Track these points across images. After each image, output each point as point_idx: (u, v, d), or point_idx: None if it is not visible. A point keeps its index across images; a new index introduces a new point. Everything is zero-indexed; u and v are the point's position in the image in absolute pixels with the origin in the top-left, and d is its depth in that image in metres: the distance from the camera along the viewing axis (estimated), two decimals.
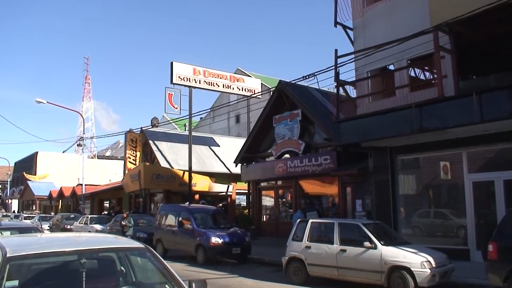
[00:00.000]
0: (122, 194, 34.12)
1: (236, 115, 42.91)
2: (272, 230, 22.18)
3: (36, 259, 4.41)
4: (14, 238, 6.34)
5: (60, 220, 32.42)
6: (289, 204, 22.51)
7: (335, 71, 15.65)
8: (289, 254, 12.19)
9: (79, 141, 36.75)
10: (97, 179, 49.70)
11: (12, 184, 68.55)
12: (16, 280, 4.15)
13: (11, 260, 4.08)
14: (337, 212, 18.96)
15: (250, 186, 24.44)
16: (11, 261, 4.08)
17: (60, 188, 47.35)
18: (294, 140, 20.74)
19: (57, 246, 4.68)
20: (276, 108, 22.07)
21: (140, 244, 4.98)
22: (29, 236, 6.57)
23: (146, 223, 21.96)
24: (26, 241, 5.29)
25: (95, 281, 4.51)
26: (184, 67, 26.96)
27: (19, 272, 4.27)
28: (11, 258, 4.10)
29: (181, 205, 19.95)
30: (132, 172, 29.07)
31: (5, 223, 10.23)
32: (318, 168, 19.20)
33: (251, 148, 23.89)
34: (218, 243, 15.76)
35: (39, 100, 32.81)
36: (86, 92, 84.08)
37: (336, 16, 16.92)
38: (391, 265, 10.10)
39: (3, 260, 4.05)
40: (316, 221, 12.58)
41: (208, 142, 33.36)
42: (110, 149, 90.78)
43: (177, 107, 27.47)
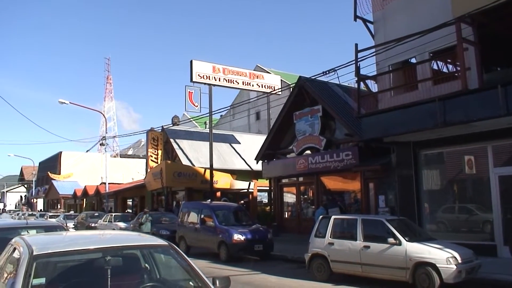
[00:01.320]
0: (145, 192, 34.42)
1: (256, 112, 42.82)
2: (294, 226, 22.13)
3: (62, 257, 4.47)
4: (40, 236, 6.42)
5: (84, 218, 32.88)
6: (310, 201, 22.41)
7: (355, 65, 15.49)
8: (311, 250, 12.12)
9: (102, 141, 37.11)
10: (120, 178, 50.24)
11: (37, 184, 69.71)
12: (42, 278, 4.20)
13: (37, 258, 4.13)
14: (360, 208, 18.80)
15: (272, 183, 24.40)
16: (37, 259, 4.13)
17: (84, 187, 48.00)
18: (315, 136, 20.62)
19: (82, 244, 4.72)
20: (296, 104, 21.97)
21: (164, 241, 4.99)
22: (54, 235, 6.63)
23: (169, 220, 22.12)
24: (52, 239, 5.34)
25: (119, 278, 4.53)
26: (203, 65, 27.05)
27: (46, 270, 4.31)
28: (38, 256, 4.15)
29: (203, 203, 20.03)
30: (154, 170, 29.31)
31: (31, 222, 10.36)
32: (340, 164, 19.06)
33: (272, 144, 23.84)
34: (240, 240, 15.77)
35: (62, 101, 33.26)
36: (107, 92, 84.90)
37: (355, 10, 16.74)
38: (416, 261, 9.95)
39: (30, 258, 4.10)
40: (339, 218, 12.48)
41: (228, 139, 33.44)
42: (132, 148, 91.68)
43: (198, 105, 27.59)
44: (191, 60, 26.69)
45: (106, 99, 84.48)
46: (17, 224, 10.12)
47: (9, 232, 8.54)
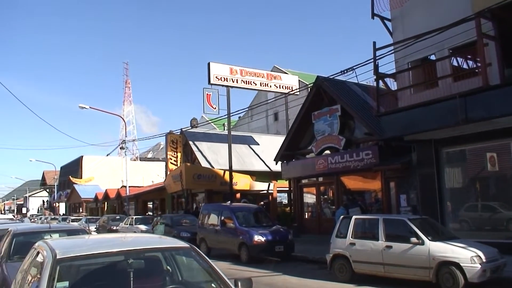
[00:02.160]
0: (165, 195, 34.64)
1: (274, 113, 42.76)
2: (315, 227, 22.02)
3: (85, 260, 4.50)
4: (63, 240, 6.49)
5: (106, 221, 33.19)
6: (331, 201, 22.28)
7: (374, 63, 15.35)
8: (333, 251, 12.04)
9: (122, 144, 37.47)
10: (140, 181, 50.64)
11: (59, 188, 70.64)
12: (66, 281, 4.23)
13: (61, 262, 4.17)
14: (381, 208, 18.61)
15: (291, 183, 24.32)
16: (61, 262, 4.17)
17: (105, 191, 48.49)
18: (334, 135, 20.50)
19: (105, 247, 4.75)
20: (314, 104, 21.87)
21: (185, 243, 5.00)
22: (77, 238, 6.70)
23: (189, 222, 22.20)
24: (75, 243, 5.39)
25: (142, 281, 4.56)
26: (221, 67, 27.11)
27: (69, 273, 4.35)
28: (61, 260, 4.18)
29: (223, 204, 20.06)
30: (174, 173, 29.46)
31: (53, 226, 10.51)
32: (360, 164, 18.90)
33: (291, 145, 23.77)
34: (261, 241, 15.75)
35: (82, 106, 33.65)
36: (126, 96, 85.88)
37: (373, 8, 16.60)
38: (439, 260, 9.82)
39: (53, 262, 4.14)
40: (360, 217, 12.38)
41: (247, 140, 33.44)
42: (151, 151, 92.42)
43: (216, 107, 27.67)
44: (209, 63, 26.78)
45: (125, 103, 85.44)
46: (40, 228, 10.27)
47: (33, 236, 8.68)
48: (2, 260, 8.12)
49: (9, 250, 8.35)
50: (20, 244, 8.34)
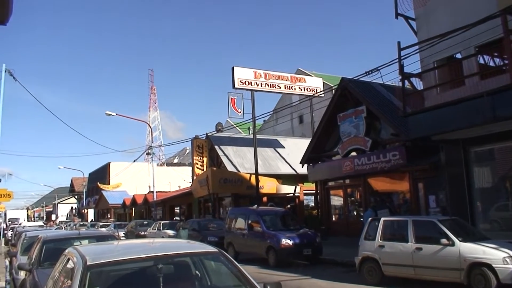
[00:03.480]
0: (192, 200, 34.85)
1: (299, 116, 42.65)
2: (343, 229, 21.83)
3: (115, 266, 4.56)
4: (92, 246, 6.59)
5: (134, 227, 33.55)
6: (358, 203, 22.08)
7: (399, 63, 15.19)
8: (362, 253, 11.95)
9: (148, 150, 37.90)
10: (167, 186, 51.08)
11: (88, 195, 71.76)
12: (96, 287, 4.30)
13: (91, 268, 4.24)
14: (409, 209, 18.36)
15: (318, 186, 24.20)
16: (91, 269, 4.24)
17: (133, 196, 49.04)
18: (360, 137, 20.33)
19: (134, 252, 4.81)
20: (339, 106, 21.75)
21: (214, 248, 5.03)
22: (106, 244, 6.80)
23: (216, 227, 22.29)
24: (104, 249, 5.47)
25: (171, 286, 4.59)
26: (245, 71, 27.21)
27: (99, 279, 4.42)
28: (91, 266, 4.26)
29: (250, 208, 20.07)
30: (200, 177, 29.63)
31: (83, 232, 10.67)
32: (387, 165, 18.69)
33: (317, 147, 23.67)
34: (288, 244, 15.72)
35: (108, 113, 34.17)
36: (152, 102, 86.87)
37: (396, 7, 16.45)
38: (470, 262, 9.66)
39: (84, 268, 4.21)
40: (389, 219, 12.26)
41: (272, 144, 33.42)
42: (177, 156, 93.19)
43: (240, 111, 27.76)
44: (233, 67, 26.91)
45: (150, 109, 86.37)
46: (70, 235, 10.43)
47: (62, 242, 8.84)
48: (33, 266, 8.28)
49: (39, 256, 8.51)
50: (50, 250, 8.49)
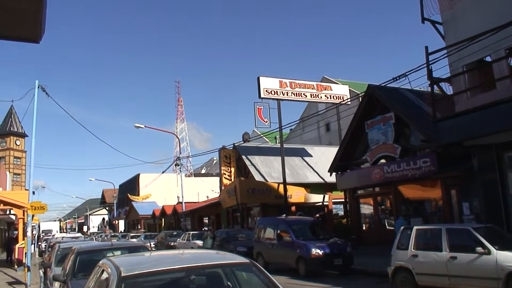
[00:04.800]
0: (220, 210, 34.90)
1: (326, 124, 42.43)
2: (373, 239, 21.48)
3: (148, 277, 4.58)
4: (126, 257, 6.62)
5: (164, 237, 33.75)
6: (389, 211, 21.73)
7: (427, 68, 14.99)
8: (394, 263, 11.70)
9: (177, 161, 38.20)
10: (195, 197, 51.31)
11: (118, 206, 72.70)
12: None
13: (125, 279, 4.25)
14: (442, 217, 17.96)
15: (347, 194, 23.95)
16: (125, 280, 4.25)
17: (162, 207, 49.45)
18: (389, 144, 20.05)
19: (167, 263, 4.81)
20: (367, 113, 21.53)
21: (245, 258, 4.98)
22: (139, 255, 6.82)
23: (245, 237, 22.23)
24: (137, 260, 5.49)
25: None
26: (270, 80, 27.27)
27: None
28: (126, 277, 4.27)
29: (279, 218, 19.95)
30: (228, 187, 29.68)
31: (115, 243, 10.75)
32: (418, 172, 18.35)
33: (345, 155, 23.45)
34: (319, 254, 15.52)
35: (137, 125, 34.64)
36: (179, 113, 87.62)
37: (422, 12, 16.25)
38: (508, 271, 9.32)
39: (119, 279, 4.23)
40: (422, 228, 11.98)
41: (300, 152, 33.28)
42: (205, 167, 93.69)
43: (267, 121, 27.78)
44: (258, 77, 26.99)
45: (178, 120, 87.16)
46: (103, 246, 10.54)
47: (96, 254, 8.92)
48: (67, 278, 8.37)
49: (73, 268, 8.60)
50: (84, 262, 8.58)
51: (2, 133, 74.35)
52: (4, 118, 75.51)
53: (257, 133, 48.29)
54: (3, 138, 74.27)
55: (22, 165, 74.20)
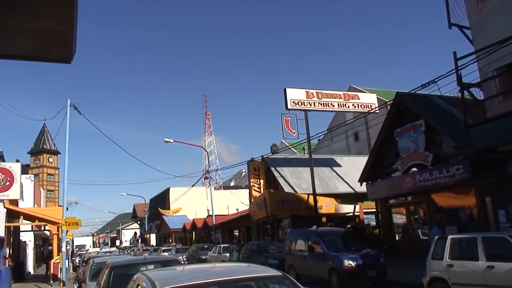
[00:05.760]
0: (250, 222, 34.84)
1: (355, 133, 42.07)
2: (407, 249, 21.08)
3: None
4: (160, 271, 6.66)
5: (195, 251, 33.82)
6: (422, 221, 21.33)
7: (456, 74, 14.73)
8: (429, 274, 11.45)
9: (206, 174, 38.44)
10: (225, 209, 51.41)
11: (149, 220, 73.37)
12: None
13: None
14: (477, 225, 17.51)
15: (378, 204, 23.62)
16: None
17: (193, 220, 49.69)
18: (420, 152, 19.73)
19: (200, 277, 4.82)
20: (396, 121, 21.28)
21: (277, 271, 4.96)
22: (172, 269, 6.86)
23: (276, 249, 22.12)
24: (172, 274, 5.53)
25: None
26: (297, 91, 27.27)
27: None
28: None
29: (309, 229, 19.79)
30: (258, 199, 29.64)
31: (148, 257, 10.86)
32: (451, 180, 17.98)
33: (375, 165, 23.18)
34: (351, 266, 15.30)
35: (167, 140, 35.06)
36: (207, 127, 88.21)
37: (449, 18, 16.05)
38: None
39: None
40: (457, 237, 11.70)
41: (329, 163, 33.04)
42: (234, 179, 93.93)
43: (295, 132, 27.75)
44: (285, 88, 27.02)
45: (205, 134, 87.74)
46: (136, 260, 10.64)
47: (129, 268, 9.02)
48: None
49: (108, 282, 8.70)
50: (118, 276, 8.66)
51: (36, 151, 76.39)
52: (37, 137, 77.63)
53: (285, 144, 48.16)
54: (36, 156, 76.29)
55: (55, 182, 75.96)
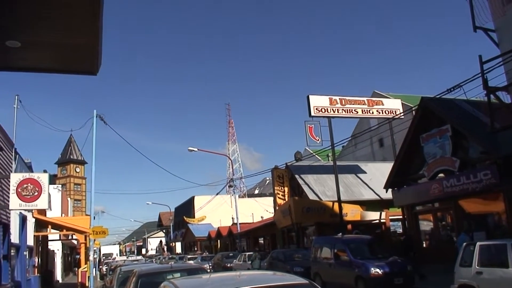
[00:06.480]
0: (275, 230, 34.76)
1: (379, 139, 41.71)
2: (434, 256, 20.72)
3: None
4: (187, 280, 6.70)
5: (220, 259, 33.91)
6: (450, 227, 20.96)
7: (482, 78, 14.52)
8: (458, 281, 11.25)
9: (230, 183, 38.57)
10: (250, 217, 51.44)
11: (175, 228, 73.93)
12: None
13: None
14: (507, 231, 17.13)
15: (405, 211, 23.30)
16: None
17: (218, 229, 49.87)
18: (447, 157, 19.43)
19: (226, 285, 4.84)
20: (421, 127, 21.01)
21: (304, 279, 4.94)
22: (198, 277, 6.91)
23: (302, 257, 22.02)
24: (198, 283, 5.57)
25: None
26: (320, 98, 27.22)
27: None
28: None
29: (335, 237, 19.64)
30: (283, 207, 29.58)
31: (175, 265, 10.96)
32: (479, 185, 17.65)
33: (400, 171, 22.90)
34: (378, 273, 15.12)
35: (191, 149, 35.36)
36: (230, 135, 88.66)
37: (474, 21, 15.85)
38: None
39: None
40: (485, 243, 11.47)
41: (353, 169, 32.80)
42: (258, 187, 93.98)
43: (319, 139, 27.67)
44: (308, 96, 26.99)
45: (229, 142, 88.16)
46: (163, 269, 10.77)
47: (156, 276, 9.13)
48: None
49: None
50: (145, 284, 8.77)
51: (63, 161, 77.87)
52: (64, 147, 79.17)
53: (309, 151, 48.05)
54: (63, 166, 77.76)
55: (82, 191, 77.23)
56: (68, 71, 5.57)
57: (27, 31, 4.15)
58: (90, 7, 3.92)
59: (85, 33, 4.12)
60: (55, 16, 4.03)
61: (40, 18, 4.01)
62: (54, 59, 4.94)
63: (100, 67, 4.82)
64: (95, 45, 4.37)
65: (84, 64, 4.98)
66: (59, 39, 4.30)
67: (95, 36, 4.14)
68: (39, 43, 4.45)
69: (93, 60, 4.77)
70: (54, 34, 4.24)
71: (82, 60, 4.91)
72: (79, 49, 4.50)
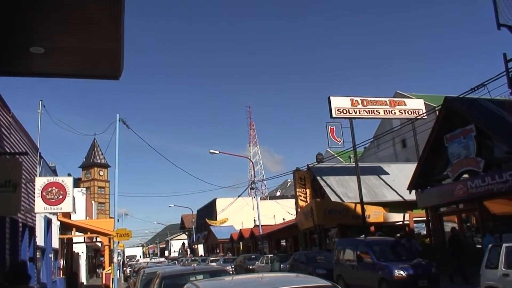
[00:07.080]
0: (297, 232, 34.66)
1: (402, 140, 41.22)
2: None
3: None
4: (210, 282, 6.71)
5: (242, 261, 33.97)
6: (475, 229, 20.60)
7: (507, 76, 14.29)
8: (484, 284, 11.05)
9: (252, 185, 38.61)
10: (271, 219, 51.40)
11: (197, 231, 74.28)
12: None
13: None
14: None
15: (429, 212, 22.98)
16: None
17: (240, 231, 49.94)
18: (472, 158, 19.11)
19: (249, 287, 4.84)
20: (445, 127, 20.71)
21: (327, 281, 4.91)
22: (221, 279, 6.92)
23: (324, 259, 21.91)
24: (221, 285, 5.59)
25: None
26: (341, 100, 27.06)
27: None
28: None
29: (358, 239, 19.49)
30: (305, 209, 29.49)
31: (197, 268, 10.98)
32: (504, 186, 17.30)
33: (424, 172, 22.61)
34: (402, 276, 14.93)
35: (212, 152, 35.52)
36: (251, 138, 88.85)
37: (497, 18, 15.54)
38: None
39: None
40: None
41: (376, 171, 32.50)
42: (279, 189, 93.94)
43: (340, 140, 27.51)
44: (329, 97, 26.86)
45: (250, 144, 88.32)
46: (186, 271, 10.80)
47: (179, 278, 9.18)
48: None
49: None
50: (169, 286, 8.84)
51: (87, 165, 79.13)
52: (88, 151, 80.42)
53: (330, 153, 47.84)
54: (87, 169, 79.02)
55: (105, 194, 78.35)
56: (90, 76, 5.65)
57: (50, 37, 4.22)
58: (111, 12, 3.97)
59: (106, 38, 4.17)
60: (76, 22, 4.09)
61: (62, 24, 4.07)
62: (77, 64, 5.02)
63: (122, 71, 4.87)
64: (117, 50, 4.42)
65: (107, 69, 5.04)
66: (81, 44, 4.37)
67: (117, 41, 4.19)
68: (61, 49, 4.53)
69: (115, 65, 4.83)
70: (76, 39, 4.30)
71: (104, 65, 4.97)
72: (101, 54, 4.56)
